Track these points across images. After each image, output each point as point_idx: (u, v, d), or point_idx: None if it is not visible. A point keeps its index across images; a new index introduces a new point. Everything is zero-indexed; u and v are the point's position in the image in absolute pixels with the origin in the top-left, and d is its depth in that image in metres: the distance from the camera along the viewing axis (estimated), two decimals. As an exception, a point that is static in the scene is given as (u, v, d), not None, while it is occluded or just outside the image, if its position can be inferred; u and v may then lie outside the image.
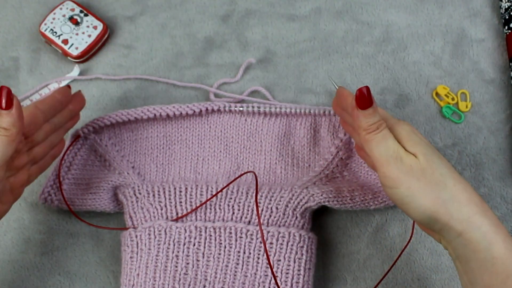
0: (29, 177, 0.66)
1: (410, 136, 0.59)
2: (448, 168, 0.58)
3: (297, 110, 0.75)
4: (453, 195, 0.57)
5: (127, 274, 0.69)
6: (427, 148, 0.59)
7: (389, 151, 0.58)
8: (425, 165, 0.57)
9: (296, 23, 0.83)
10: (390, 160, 0.58)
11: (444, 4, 0.83)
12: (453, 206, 0.56)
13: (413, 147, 0.59)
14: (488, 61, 0.81)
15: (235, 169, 0.75)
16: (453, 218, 0.56)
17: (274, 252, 0.69)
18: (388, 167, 0.58)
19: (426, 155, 0.58)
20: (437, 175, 0.57)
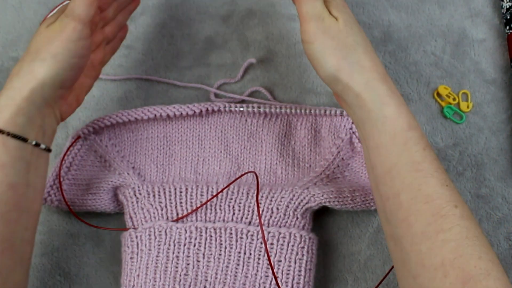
0: (105, 56, 0.71)
1: (338, 3, 0.64)
2: (364, 39, 0.63)
3: (298, 110, 0.74)
4: (359, 59, 0.61)
5: (127, 274, 0.69)
6: (349, 16, 0.63)
7: (314, 10, 0.62)
8: (342, 28, 0.62)
9: (297, 23, 0.82)
10: (313, 18, 0.62)
11: (445, 4, 0.83)
12: (355, 68, 0.61)
13: (337, 12, 0.63)
14: (489, 61, 0.81)
15: (235, 169, 0.75)
16: (353, 79, 0.61)
17: (274, 253, 0.69)
18: (310, 23, 0.62)
19: (346, 21, 0.62)
20: (350, 40, 0.62)
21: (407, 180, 0.57)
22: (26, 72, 0.61)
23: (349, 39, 0.62)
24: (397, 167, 0.58)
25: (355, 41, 0.62)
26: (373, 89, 0.60)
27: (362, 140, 0.63)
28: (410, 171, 0.58)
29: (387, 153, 0.59)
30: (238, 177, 0.73)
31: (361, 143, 0.65)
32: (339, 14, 0.63)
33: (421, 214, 0.56)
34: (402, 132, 0.59)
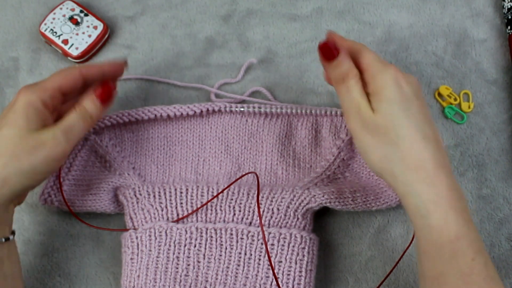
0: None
1: (383, 89, 0.60)
2: (411, 130, 0.58)
3: (298, 110, 0.74)
4: (402, 157, 0.58)
5: (127, 275, 0.69)
6: (393, 105, 0.59)
7: (351, 104, 0.61)
8: (381, 123, 0.59)
9: (298, 23, 0.83)
10: (351, 112, 0.61)
11: (446, 4, 0.83)
12: (399, 168, 0.58)
13: (378, 102, 0.59)
14: (491, 61, 0.81)
15: (236, 170, 0.75)
16: (396, 180, 0.58)
17: (275, 254, 0.69)
18: (349, 119, 0.61)
19: (387, 113, 0.59)
20: (392, 135, 0.58)
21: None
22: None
23: (391, 135, 0.58)
24: (444, 276, 0.56)
25: (398, 136, 0.58)
26: (417, 195, 0.57)
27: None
28: (457, 283, 0.55)
29: (434, 261, 0.57)
30: (239, 178, 0.72)
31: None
32: (378, 105, 0.59)
33: None
34: (448, 243, 0.56)
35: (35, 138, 0.60)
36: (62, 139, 0.62)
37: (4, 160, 0.59)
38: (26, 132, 0.60)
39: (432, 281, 0.57)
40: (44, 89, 0.62)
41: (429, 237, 0.57)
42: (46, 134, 0.61)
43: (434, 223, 0.56)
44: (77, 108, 0.64)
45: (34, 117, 0.61)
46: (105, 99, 0.66)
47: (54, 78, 0.64)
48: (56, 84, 0.63)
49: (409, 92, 0.59)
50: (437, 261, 0.57)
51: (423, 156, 0.57)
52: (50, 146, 0.61)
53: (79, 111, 0.64)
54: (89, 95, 0.65)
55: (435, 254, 0.57)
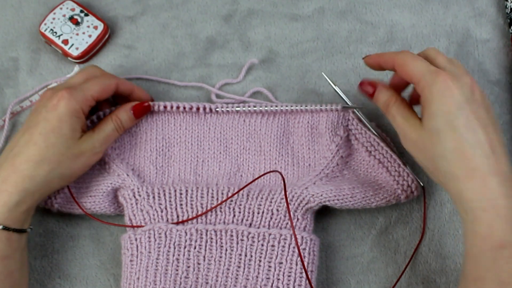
0: None
1: (430, 104, 0.60)
2: (460, 141, 0.58)
3: (295, 108, 0.74)
4: (451, 169, 0.59)
5: (127, 277, 0.69)
6: (439, 120, 0.59)
7: (398, 129, 0.64)
8: (428, 141, 0.60)
9: (299, 23, 0.82)
10: (401, 136, 0.65)
11: (449, 4, 0.83)
12: (449, 179, 0.60)
13: (426, 119, 0.61)
14: (493, 61, 0.80)
15: (235, 170, 0.75)
16: (449, 189, 0.60)
17: (276, 255, 0.69)
18: (401, 140, 0.65)
19: (433, 129, 0.60)
20: (440, 150, 0.59)
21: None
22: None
23: (437, 150, 0.59)
24: (483, 281, 0.57)
25: (445, 149, 0.59)
26: (467, 202, 0.58)
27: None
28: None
29: (476, 265, 0.58)
30: (261, 175, 0.73)
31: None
32: (426, 122, 0.60)
33: None
34: (492, 250, 0.57)
35: (77, 148, 0.67)
36: (99, 149, 0.69)
37: (51, 166, 0.65)
38: (71, 142, 0.66)
39: (470, 283, 0.59)
40: (86, 98, 0.67)
41: (474, 241, 0.58)
42: (86, 144, 0.68)
43: (480, 230, 0.58)
44: (114, 119, 0.70)
45: (77, 127, 0.67)
46: (139, 115, 0.72)
47: (94, 87, 0.68)
48: (96, 94, 0.68)
49: (459, 99, 0.59)
50: (478, 265, 0.58)
51: (472, 165, 0.58)
52: (89, 155, 0.68)
53: (116, 123, 0.70)
54: (127, 108, 0.71)
55: (478, 258, 0.58)
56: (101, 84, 0.69)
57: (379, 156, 0.72)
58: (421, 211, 0.74)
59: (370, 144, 0.73)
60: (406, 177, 0.71)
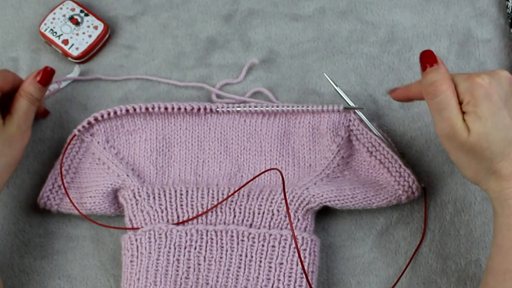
0: None
1: (476, 107, 0.59)
2: (504, 141, 0.58)
3: (296, 108, 0.74)
4: (496, 169, 0.59)
5: (127, 278, 0.69)
6: (486, 123, 0.58)
7: (445, 125, 0.60)
8: (477, 144, 0.59)
9: (300, 23, 0.82)
10: (446, 133, 0.60)
11: (450, 4, 0.82)
12: (492, 177, 0.60)
13: (472, 123, 0.59)
14: (495, 61, 0.80)
15: (235, 170, 0.74)
16: (489, 187, 0.61)
17: (276, 255, 0.69)
18: (443, 138, 0.61)
19: (481, 133, 0.58)
20: (487, 153, 0.59)
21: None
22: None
23: (485, 153, 0.59)
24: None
25: (492, 152, 0.59)
26: (505, 199, 0.59)
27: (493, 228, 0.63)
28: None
29: (506, 257, 0.59)
30: (260, 173, 0.72)
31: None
32: (474, 125, 0.59)
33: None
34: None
35: (5, 134, 0.68)
36: (24, 126, 0.70)
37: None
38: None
39: (499, 276, 0.59)
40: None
41: (506, 234, 0.59)
42: (11, 127, 0.69)
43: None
44: (23, 94, 0.70)
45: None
46: (46, 82, 0.71)
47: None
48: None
49: (497, 99, 0.59)
50: (508, 258, 0.59)
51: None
52: (19, 136, 0.70)
53: (27, 97, 0.70)
54: (31, 79, 0.70)
55: (508, 250, 0.59)
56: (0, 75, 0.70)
57: (380, 156, 0.72)
58: (422, 211, 0.74)
59: (371, 144, 0.73)
60: (407, 178, 0.71)
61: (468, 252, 0.72)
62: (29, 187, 0.75)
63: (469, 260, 0.72)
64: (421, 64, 0.63)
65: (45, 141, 0.77)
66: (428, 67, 0.62)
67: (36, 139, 0.77)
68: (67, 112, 0.78)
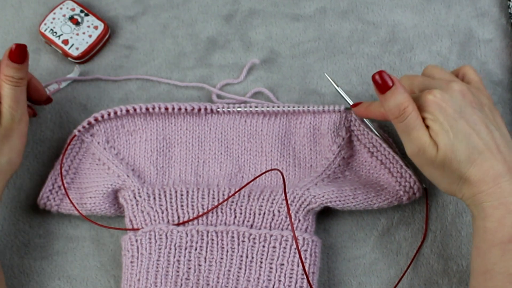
0: None
1: (436, 120, 0.61)
2: (468, 149, 0.60)
3: (296, 108, 0.74)
4: (467, 177, 0.61)
5: (127, 279, 0.69)
6: (447, 135, 0.60)
7: (415, 145, 0.62)
8: (444, 156, 0.60)
9: (301, 23, 0.82)
10: (416, 153, 0.63)
11: (451, 3, 0.82)
12: (464, 187, 0.61)
13: (437, 137, 0.61)
14: (496, 62, 0.80)
15: (236, 171, 0.74)
16: (464, 196, 0.62)
17: (277, 256, 0.69)
18: (412, 157, 0.64)
19: (447, 145, 0.60)
20: (454, 164, 0.60)
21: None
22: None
23: (453, 163, 0.61)
24: (491, 273, 0.60)
25: (459, 161, 0.60)
26: (479, 203, 0.60)
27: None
28: (503, 281, 0.59)
29: (485, 257, 0.60)
30: (261, 174, 0.73)
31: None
32: (439, 139, 0.61)
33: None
34: (501, 244, 0.59)
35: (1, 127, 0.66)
36: (17, 112, 0.67)
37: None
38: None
39: (479, 276, 0.61)
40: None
41: (483, 237, 0.60)
42: (4, 117, 0.66)
43: (490, 225, 0.60)
44: (4, 79, 0.66)
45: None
46: (21, 58, 0.66)
47: None
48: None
49: (452, 111, 0.61)
50: (487, 258, 0.60)
51: (483, 169, 0.60)
52: (17, 125, 0.67)
53: (8, 81, 0.66)
54: (6, 62, 0.66)
55: (486, 251, 0.60)
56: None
57: (381, 157, 0.72)
58: (423, 212, 0.74)
59: (372, 145, 0.72)
60: (408, 179, 0.71)
61: (469, 253, 0.72)
62: (29, 188, 0.75)
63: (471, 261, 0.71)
64: (377, 87, 0.62)
65: (45, 141, 0.77)
66: (388, 90, 0.61)
67: (36, 139, 0.77)
68: (67, 112, 0.78)
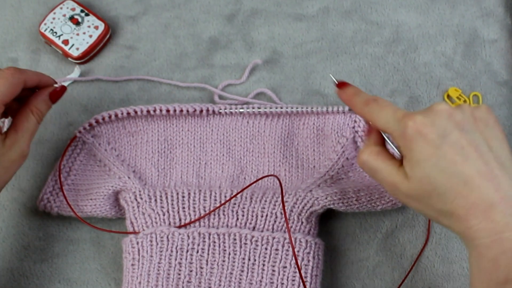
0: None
1: (410, 151, 0.56)
2: (452, 181, 0.55)
3: (300, 110, 0.74)
4: (451, 212, 0.55)
5: (128, 282, 0.68)
6: (425, 166, 0.55)
7: (386, 184, 0.59)
8: (418, 188, 0.56)
9: (304, 23, 0.82)
10: (390, 190, 0.59)
11: (456, 3, 0.82)
12: (452, 220, 0.55)
13: (410, 169, 0.56)
14: (501, 62, 0.80)
15: (238, 172, 0.74)
16: (455, 230, 0.56)
17: (279, 259, 0.68)
18: (389, 191, 0.60)
19: (422, 178, 0.55)
20: (434, 196, 0.55)
21: None
22: None
23: (433, 196, 0.55)
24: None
25: (440, 194, 0.55)
26: (470, 240, 0.55)
27: None
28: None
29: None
30: (259, 179, 0.72)
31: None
32: (412, 171, 0.56)
33: None
34: (497, 285, 0.54)
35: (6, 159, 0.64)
36: (27, 150, 0.65)
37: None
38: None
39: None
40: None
41: (478, 276, 0.55)
42: (14, 152, 0.64)
43: (485, 265, 0.54)
44: (35, 112, 0.66)
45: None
46: (57, 101, 0.69)
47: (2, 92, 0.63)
48: (6, 98, 0.63)
49: (434, 137, 0.55)
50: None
51: (471, 200, 0.54)
52: (20, 161, 0.65)
53: (37, 116, 0.66)
54: (44, 97, 0.67)
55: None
56: (9, 85, 0.63)
57: (385, 158, 0.72)
58: (428, 214, 0.73)
59: (376, 146, 0.72)
60: (412, 180, 0.70)
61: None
62: (29, 190, 0.75)
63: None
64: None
65: (45, 142, 0.76)
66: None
67: (35, 140, 0.76)
68: (67, 113, 0.78)
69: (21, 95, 0.66)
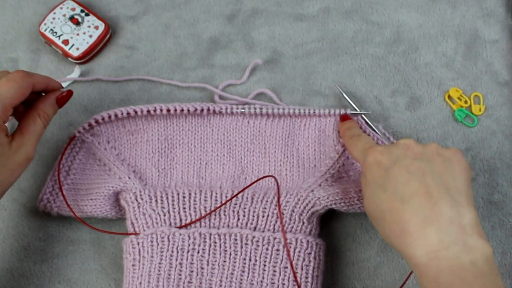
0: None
1: (364, 176, 0.63)
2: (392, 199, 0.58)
3: (301, 111, 0.74)
4: (391, 229, 0.58)
5: (129, 282, 0.68)
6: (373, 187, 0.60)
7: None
8: (369, 211, 0.62)
9: (304, 23, 0.82)
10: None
11: (457, 3, 0.82)
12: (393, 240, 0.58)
13: (364, 190, 0.63)
14: (502, 62, 0.80)
15: (239, 173, 0.74)
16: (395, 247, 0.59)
17: (280, 259, 0.68)
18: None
19: (368, 196, 0.61)
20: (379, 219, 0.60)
21: None
22: None
23: (376, 215, 0.60)
24: None
25: (383, 212, 0.59)
26: (409, 258, 0.57)
27: None
28: None
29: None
30: (256, 181, 0.72)
31: None
32: (364, 193, 0.62)
33: None
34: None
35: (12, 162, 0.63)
36: (33, 153, 0.65)
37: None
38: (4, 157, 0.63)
39: None
40: (5, 109, 0.62)
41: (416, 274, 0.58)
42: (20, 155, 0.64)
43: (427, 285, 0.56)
44: (42, 115, 0.66)
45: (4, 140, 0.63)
46: (63, 105, 0.69)
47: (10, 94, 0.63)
48: (15, 101, 0.63)
49: (387, 163, 0.60)
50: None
51: (403, 218, 0.57)
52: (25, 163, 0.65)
53: (44, 119, 0.67)
54: (51, 101, 0.68)
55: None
56: (18, 88, 0.63)
57: (385, 157, 0.72)
58: (429, 215, 0.73)
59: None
60: (413, 179, 0.70)
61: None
62: (29, 190, 0.75)
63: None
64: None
65: (45, 143, 0.76)
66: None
67: (35, 141, 0.76)
68: (67, 113, 0.78)
69: (28, 99, 0.65)
